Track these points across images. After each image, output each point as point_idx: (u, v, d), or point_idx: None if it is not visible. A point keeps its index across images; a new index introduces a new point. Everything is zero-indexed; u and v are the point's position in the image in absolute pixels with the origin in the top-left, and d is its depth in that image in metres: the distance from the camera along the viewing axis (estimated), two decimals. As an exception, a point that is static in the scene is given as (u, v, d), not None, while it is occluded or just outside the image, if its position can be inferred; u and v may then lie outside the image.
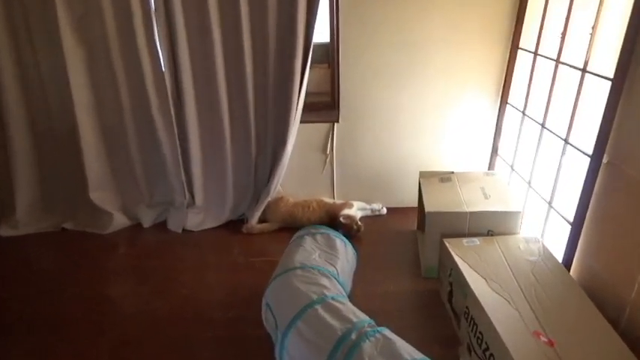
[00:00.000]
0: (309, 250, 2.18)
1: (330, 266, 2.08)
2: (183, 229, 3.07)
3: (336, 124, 3.02)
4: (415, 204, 3.06)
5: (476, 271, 2.10)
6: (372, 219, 3.14)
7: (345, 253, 2.25)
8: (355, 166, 3.16)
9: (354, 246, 2.35)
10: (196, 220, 3.09)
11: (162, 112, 2.80)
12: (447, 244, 2.29)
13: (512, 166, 2.87)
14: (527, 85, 2.68)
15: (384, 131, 3.06)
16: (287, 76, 2.70)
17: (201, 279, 2.58)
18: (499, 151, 3.05)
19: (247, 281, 2.54)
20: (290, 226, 2.98)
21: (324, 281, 1.94)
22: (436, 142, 3.09)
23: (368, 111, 3.00)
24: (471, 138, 3.07)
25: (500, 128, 3.01)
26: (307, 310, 1.76)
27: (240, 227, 3.05)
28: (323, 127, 3.02)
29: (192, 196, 3.08)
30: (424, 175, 2.86)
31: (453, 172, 2.84)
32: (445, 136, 3.07)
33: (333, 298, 1.83)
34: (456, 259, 2.19)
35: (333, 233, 2.32)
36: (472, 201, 2.50)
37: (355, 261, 2.34)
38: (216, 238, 3.00)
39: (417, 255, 2.75)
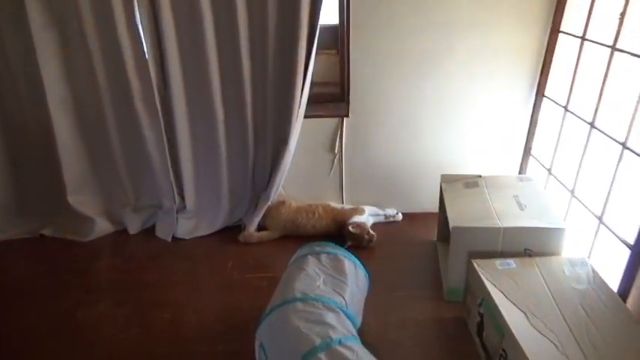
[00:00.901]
0: (313, 274, 1.82)
1: (337, 296, 1.73)
2: (173, 237, 2.73)
3: (345, 118, 2.64)
4: (435, 209, 2.69)
5: (513, 303, 1.74)
6: (385, 226, 2.78)
7: (355, 277, 1.90)
8: (367, 166, 2.79)
9: (365, 268, 1.99)
10: (187, 226, 2.75)
11: (147, 104, 2.45)
12: (477, 267, 1.93)
13: (550, 171, 2.47)
14: (570, 76, 2.27)
15: (401, 127, 2.68)
16: (289, 64, 2.33)
17: (189, 300, 2.25)
18: (533, 152, 2.66)
19: (243, 304, 2.20)
20: (292, 235, 2.65)
21: (330, 318, 1.59)
22: (460, 140, 2.70)
23: (382, 104, 2.62)
24: (500, 136, 2.68)
25: (535, 125, 2.61)
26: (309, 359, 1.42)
27: (237, 235, 2.71)
28: (330, 122, 2.65)
29: (183, 199, 2.74)
30: (447, 180, 2.48)
31: (480, 176, 2.46)
32: (470, 133, 2.68)
33: (340, 343, 1.48)
34: (489, 286, 1.83)
35: (340, 252, 1.96)
36: (505, 213, 2.13)
37: (367, 285, 1.98)
38: (208, 249, 2.66)
39: (437, 272, 2.39)
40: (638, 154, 1.80)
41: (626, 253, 1.82)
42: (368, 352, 1.52)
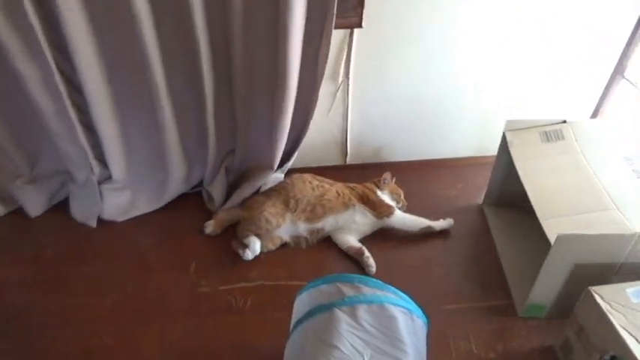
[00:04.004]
0: (351, 354, 1.05)
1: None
2: (100, 220, 1.82)
3: (356, 30, 1.66)
4: (474, 153, 2.00)
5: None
6: (409, 184, 1.95)
7: (414, 337, 1.14)
8: (384, 99, 1.87)
9: (423, 310, 1.22)
10: (119, 202, 1.83)
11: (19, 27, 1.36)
12: (602, 303, 1.21)
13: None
14: None
15: (433, 44, 1.74)
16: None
17: (121, 344, 1.44)
18: (626, 74, 1.82)
19: (218, 341, 1.44)
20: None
21: None
22: (517, 62, 1.81)
23: (412, 9, 1.64)
24: (578, 51, 1.81)
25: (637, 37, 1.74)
26: None
27: (200, 210, 1.85)
28: (335, 34, 1.63)
29: (106, 166, 1.77)
30: (514, 127, 1.65)
31: (564, 122, 1.64)
32: (533, 50, 1.79)
33: None
34: (627, 339, 1.13)
35: (386, 299, 1.16)
36: (624, 195, 1.37)
37: (426, 335, 1.24)
38: (157, 238, 1.79)
39: (492, 261, 1.67)
40: None
41: None
42: None
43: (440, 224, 1.77)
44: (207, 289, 1.60)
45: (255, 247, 1.62)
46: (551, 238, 1.28)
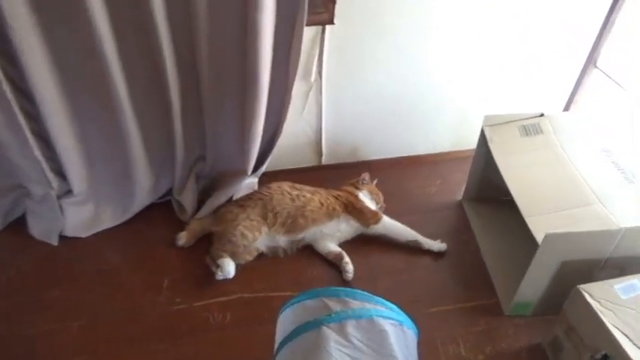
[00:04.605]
0: (342, 374, 0.99)
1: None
2: (62, 237, 1.70)
3: (328, 27, 1.58)
4: (453, 148, 1.99)
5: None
6: (386, 182, 1.90)
7: (405, 350, 1.10)
8: (359, 98, 1.81)
9: (413, 320, 1.17)
10: (82, 217, 1.71)
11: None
12: (591, 300, 1.19)
13: None
14: None
15: (406, 39, 1.69)
16: None
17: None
18: (599, 64, 1.81)
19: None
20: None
21: None
22: (491, 55, 1.79)
23: (383, 4, 1.58)
24: (553, 45, 1.79)
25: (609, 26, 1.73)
26: None
27: (172, 218, 1.76)
28: (306, 32, 1.54)
29: (65, 179, 1.65)
30: (492, 122, 1.62)
31: (542, 115, 1.62)
32: (506, 43, 1.76)
33: None
34: (618, 337, 1.12)
35: (375, 312, 1.11)
36: (605, 188, 1.36)
37: (416, 343, 1.20)
38: (125, 253, 1.68)
39: (474, 258, 1.65)
40: None
41: None
42: None
43: (429, 243, 1.65)
44: (183, 307, 1.51)
45: (228, 269, 1.52)
46: (538, 237, 1.26)
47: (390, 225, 1.67)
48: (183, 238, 1.67)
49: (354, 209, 1.66)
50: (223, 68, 1.48)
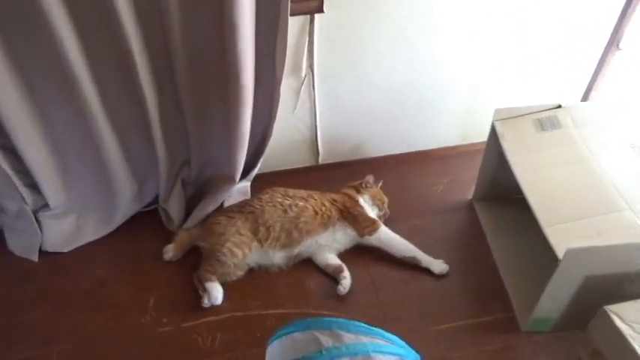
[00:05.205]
0: None
1: None
2: (42, 252, 1.59)
3: (317, 15, 1.42)
4: (459, 142, 1.86)
5: None
6: (391, 182, 1.75)
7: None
8: (355, 92, 1.65)
9: (418, 353, 1.04)
10: (62, 230, 1.59)
11: None
12: (621, 325, 1.04)
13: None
14: None
15: (406, 26, 1.52)
16: None
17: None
18: (622, 45, 1.62)
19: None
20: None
21: None
22: (501, 39, 1.60)
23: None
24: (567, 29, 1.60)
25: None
26: None
27: (159, 228, 1.64)
28: (292, 23, 1.38)
29: (40, 192, 1.53)
30: (504, 115, 1.45)
31: (559, 106, 1.45)
32: (517, 25, 1.58)
33: None
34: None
35: (374, 348, 0.97)
36: (636, 195, 1.20)
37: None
38: (109, 269, 1.57)
39: (488, 266, 1.50)
40: None
41: None
42: None
43: (429, 261, 1.48)
44: (170, 328, 1.39)
45: (216, 294, 1.40)
46: (559, 251, 1.11)
47: (386, 238, 1.51)
48: (170, 252, 1.55)
49: (349, 215, 1.52)
50: (202, 68, 1.33)
